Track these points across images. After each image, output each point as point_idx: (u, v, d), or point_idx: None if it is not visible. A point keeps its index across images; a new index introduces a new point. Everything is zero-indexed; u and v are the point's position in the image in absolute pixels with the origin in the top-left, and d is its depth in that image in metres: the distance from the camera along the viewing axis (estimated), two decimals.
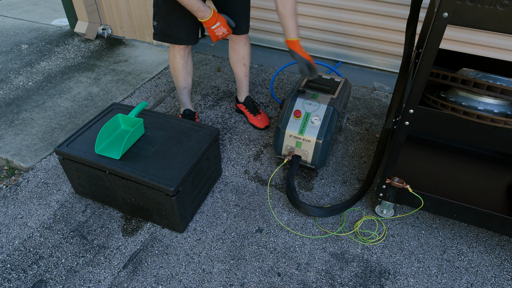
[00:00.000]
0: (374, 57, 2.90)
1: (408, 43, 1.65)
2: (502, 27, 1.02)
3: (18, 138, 2.19)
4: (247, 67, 2.19)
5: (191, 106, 2.27)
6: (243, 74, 2.21)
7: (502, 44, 2.44)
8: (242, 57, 2.13)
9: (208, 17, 1.69)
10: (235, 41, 2.08)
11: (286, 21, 1.66)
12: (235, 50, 2.11)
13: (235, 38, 2.06)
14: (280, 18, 1.67)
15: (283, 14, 1.64)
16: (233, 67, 2.20)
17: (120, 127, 1.70)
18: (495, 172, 1.75)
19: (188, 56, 2.02)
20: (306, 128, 1.79)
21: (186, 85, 2.12)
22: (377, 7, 2.63)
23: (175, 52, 1.97)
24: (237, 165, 2.02)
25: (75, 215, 1.73)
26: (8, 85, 2.70)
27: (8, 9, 4.09)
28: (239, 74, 2.22)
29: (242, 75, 2.22)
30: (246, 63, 2.16)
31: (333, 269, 1.53)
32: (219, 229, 1.68)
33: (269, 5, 2.94)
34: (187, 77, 2.09)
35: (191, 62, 2.07)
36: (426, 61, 1.15)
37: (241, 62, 2.15)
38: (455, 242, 1.64)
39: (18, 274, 1.49)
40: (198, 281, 1.48)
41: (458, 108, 1.30)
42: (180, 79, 2.08)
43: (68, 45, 3.29)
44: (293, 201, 1.70)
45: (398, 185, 1.51)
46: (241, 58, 2.13)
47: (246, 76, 2.24)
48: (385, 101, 2.57)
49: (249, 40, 2.11)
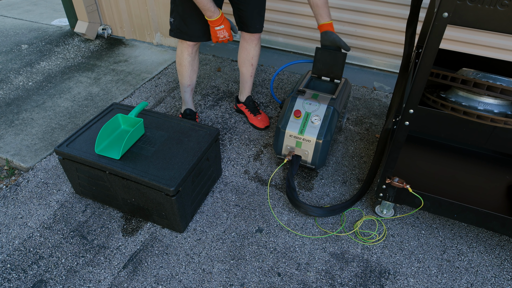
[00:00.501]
0: (374, 57, 2.90)
1: (408, 43, 1.65)
2: (502, 27, 1.02)
3: (18, 138, 2.19)
4: (254, 68, 2.20)
5: (192, 106, 2.27)
6: (249, 74, 2.21)
7: (502, 44, 2.44)
8: (251, 57, 2.13)
9: (215, 18, 1.71)
10: (247, 40, 2.08)
11: (321, 10, 1.76)
12: (246, 49, 2.11)
13: (247, 37, 2.07)
14: (313, 8, 1.78)
15: (317, 4, 1.75)
16: (240, 66, 2.20)
17: (120, 127, 1.70)
18: (495, 172, 1.75)
19: (196, 54, 2.02)
20: (306, 128, 1.79)
21: (190, 82, 2.12)
22: (377, 7, 2.63)
23: (183, 48, 1.97)
24: (237, 165, 2.02)
25: (75, 215, 1.73)
26: (8, 85, 2.70)
27: (8, 9, 4.09)
28: (245, 74, 2.22)
29: (248, 75, 2.22)
30: (254, 63, 2.17)
31: (333, 269, 1.53)
32: (219, 229, 1.68)
33: (269, 5, 2.94)
34: (192, 75, 2.09)
35: (197, 60, 2.07)
36: (426, 61, 1.15)
37: (249, 62, 2.15)
38: (455, 242, 1.64)
39: (18, 274, 1.49)
40: (198, 281, 1.48)
41: (458, 108, 1.30)
42: (185, 76, 2.07)
43: (68, 45, 3.29)
44: (293, 201, 1.70)
45: (398, 185, 1.51)
46: (250, 58, 2.13)
47: (252, 77, 2.24)
48: (385, 101, 2.57)
49: (260, 41, 2.12)
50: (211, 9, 1.68)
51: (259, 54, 2.16)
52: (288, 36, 3.09)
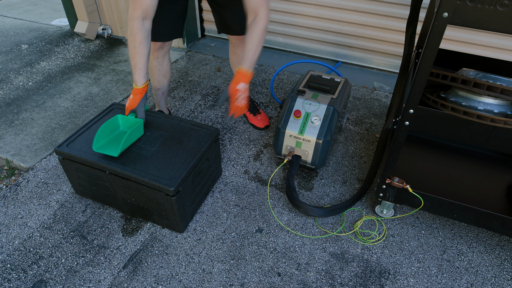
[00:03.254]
0: (374, 57, 2.90)
1: (408, 43, 1.65)
2: (502, 27, 1.02)
3: (18, 138, 2.19)
4: None
5: (165, 109, 2.19)
6: None
7: (502, 44, 2.44)
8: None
9: (138, 86, 1.60)
10: (234, 44, 2.04)
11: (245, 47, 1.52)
12: (235, 53, 2.08)
13: (233, 40, 2.02)
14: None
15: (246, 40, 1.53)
16: (233, 68, 2.18)
17: (119, 128, 1.70)
18: (495, 172, 1.75)
19: (163, 58, 1.95)
20: (306, 128, 1.79)
21: (160, 86, 2.05)
22: (377, 7, 2.63)
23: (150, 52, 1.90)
24: (237, 165, 2.02)
25: (75, 215, 1.73)
26: (8, 85, 2.70)
27: (8, 9, 4.09)
28: None
29: None
30: None
31: (333, 269, 1.53)
32: (219, 229, 1.68)
33: (269, 5, 2.94)
34: (161, 79, 2.01)
35: (167, 65, 1.99)
36: (426, 61, 1.15)
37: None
38: (455, 242, 1.64)
39: (18, 274, 1.49)
40: (198, 281, 1.48)
41: (458, 108, 1.30)
42: (153, 79, 2.02)
43: (68, 45, 3.29)
44: (293, 201, 1.70)
45: (398, 185, 1.51)
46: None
47: None
48: (385, 101, 2.57)
49: None
50: (137, 73, 1.56)
51: None
52: (288, 36, 3.09)
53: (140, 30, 1.49)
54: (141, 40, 1.51)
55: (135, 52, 1.53)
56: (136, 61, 1.54)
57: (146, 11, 1.48)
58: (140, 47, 1.52)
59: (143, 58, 1.54)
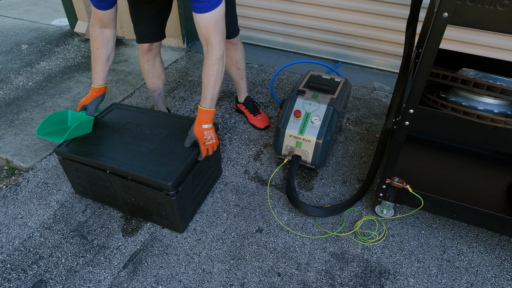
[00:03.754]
0: (374, 57, 2.90)
1: (408, 43, 1.65)
2: (502, 27, 1.02)
3: (18, 138, 2.19)
4: (242, 70, 2.16)
5: (164, 110, 2.22)
6: (239, 77, 2.19)
7: (502, 44, 2.44)
8: (236, 61, 2.09)
9: (95, 86, 1.65)
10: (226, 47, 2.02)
11: (203, 86, 1.51)
12: (228, 55, 2.07)
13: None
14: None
15: (202, 75, 1.51)
16: (228, 70, 2.17)
17: (66, 123, 1.65)
18: (495, 172, 1.74)
19: (154, 60, 1.95)
20: (306, 128, 1.79)
21: (155, 88, 2.07)
22: (377, 7, 2.63)
23: (140, 54, 1.93)
24: (237, 165, 2.02)
25: (75, 215, 1.73)
26: (8, 85, 2.70)
27: (8, 9, 4.09)
28: (235, 77, 2.20)
29: (238, 78, 2.20)
30: (241, 66, 2.13)
31: (333, 269, 1.53)
32: (219, 229, 1.68)
33: (269, 5, 2.94)
34: (155, 81, 2.03)
35: (159, 67, 2.00)
36: (426, 61, 1.15)
37: (235, 66, 2.12)
38: (455, 242, 1.64)
39: (18, 274, 1.49)
40: (198, 281, 1.48)
41: (458, 108, 1.30)
42: (147, 81, 2.04)
43: (68, 45, 3.29)
44: (293, 201, 1.70)
45: (398, 185, 1.51)
46: (235, 62, 2.09)
47: (243, 79, 2.21)
48: (385, 101, 2.57)
49: (241, 44, 2.05)
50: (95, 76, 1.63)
51: (244, 55, 2.10)
52: (288, 36, 3.09)
53: (98, 36, 1.60)
54: (99, 46, 1.61)
55: (94, 57, 1.63)
56: (94, 64, 1.64)
57: (102, 21, 1.57)
58: (97, 52, 1.62)
59: (100, 63, 1.63)
